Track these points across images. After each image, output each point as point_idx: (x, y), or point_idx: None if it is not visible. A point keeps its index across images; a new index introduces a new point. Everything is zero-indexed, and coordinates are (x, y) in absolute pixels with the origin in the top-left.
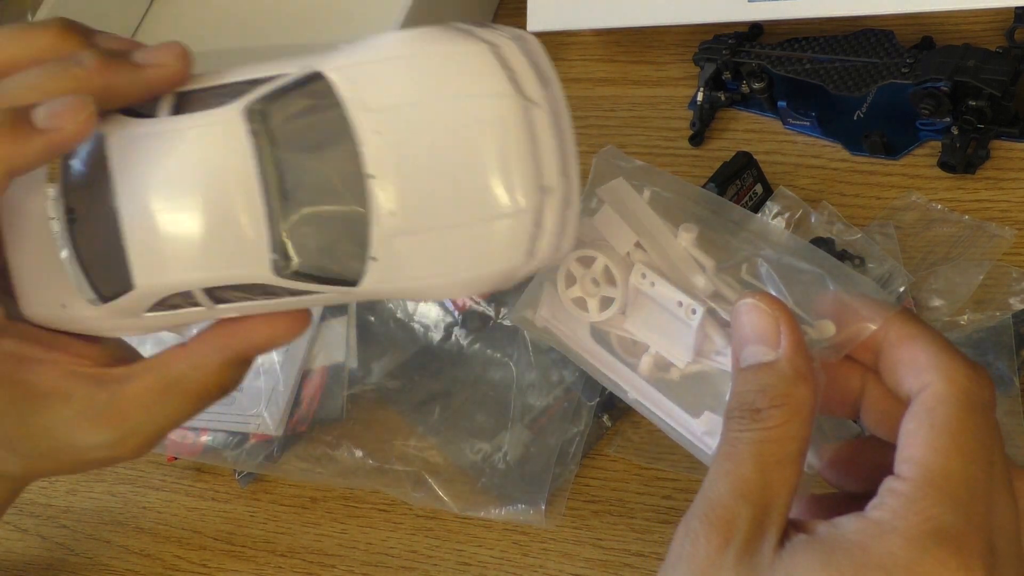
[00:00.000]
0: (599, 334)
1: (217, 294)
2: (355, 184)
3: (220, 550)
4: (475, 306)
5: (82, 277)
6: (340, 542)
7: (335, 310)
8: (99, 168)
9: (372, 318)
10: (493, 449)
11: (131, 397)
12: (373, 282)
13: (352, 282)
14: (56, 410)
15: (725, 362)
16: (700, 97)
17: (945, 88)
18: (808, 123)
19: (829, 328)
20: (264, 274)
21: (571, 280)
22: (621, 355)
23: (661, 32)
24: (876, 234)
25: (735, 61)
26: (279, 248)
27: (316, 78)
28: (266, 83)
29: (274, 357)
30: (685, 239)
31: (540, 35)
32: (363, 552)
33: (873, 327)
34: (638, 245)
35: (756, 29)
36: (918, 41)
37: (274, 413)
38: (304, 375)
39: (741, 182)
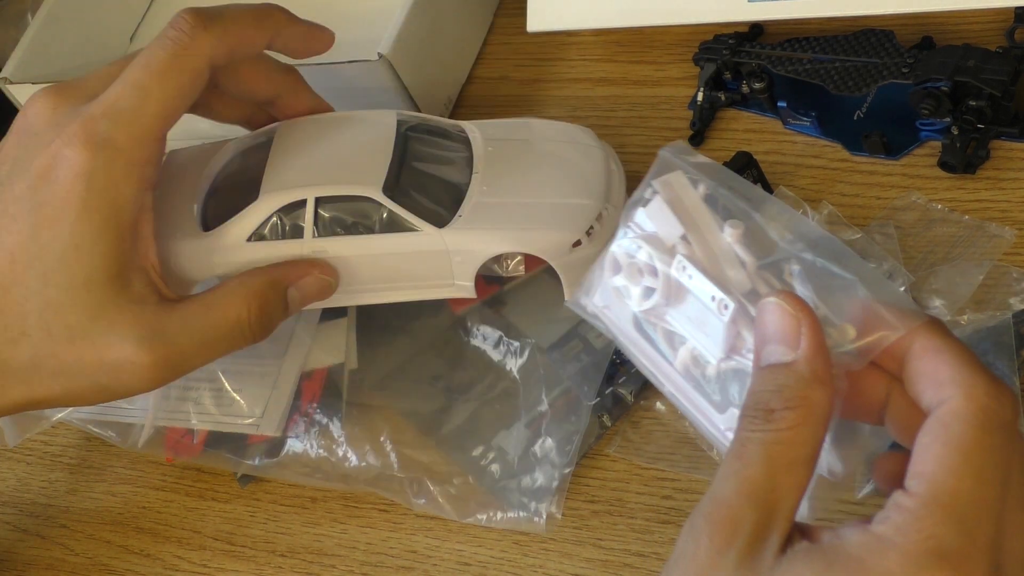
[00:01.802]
0: (643, 324)
1: (321, 222)
2: (463, 169)
3: (220, 550)
4: (475, 307)
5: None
6: (340, 542)
7: (335, 311)
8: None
9: (372, 319)
10: (493, 449)
11: (176, 317)
12: (453, 230)
13: (439, 225)
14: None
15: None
16: (700, 97)
17: (945, 88)
18: (808, 123)
19: (850, 332)
20: (374, 192)
21: (617, 267)
22: (662, 347)
23: (661, 32)
24: (876, 234)
25: (735, 61)
26: (390, 182)
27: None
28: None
29: (271, 346)
30: (730, 235)
31: (540, 35)
32: (363, 552)
33: (895, 336)
34: (684, 238)
35: (756, 29)
36: (918, 41)
37: (273, 414)
38: (304, 376)
39: None
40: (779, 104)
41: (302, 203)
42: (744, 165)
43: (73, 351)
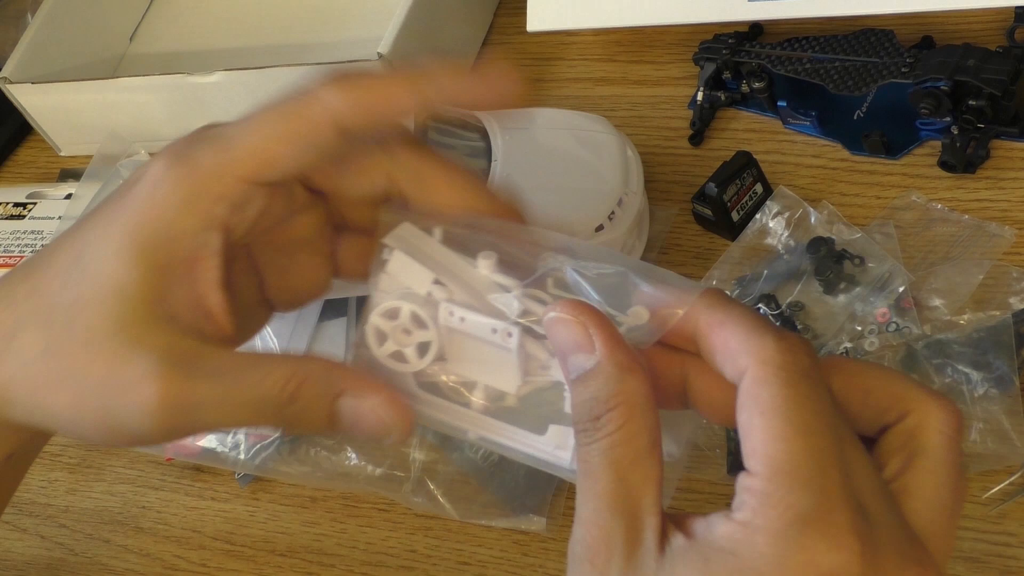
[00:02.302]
0: (426, 385)
1: None
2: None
3: (220, 550)
4: None
5: None
6: (340, 542)
7: (335, 310)
8: None
9: None
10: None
11: (208, 361)
12: None
13: None
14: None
15: (555, 373)
16: (700, 97)
17: (945, 88)
18: (808, 123)
19: (642, 314)
20: None
21: (382, 337)
22: (453, 398)
23: (661, 32)
24: (876, 234)
25: (735, 61)
26: None
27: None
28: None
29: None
30: (484, 266)
31: (540, 35)
32: (363, 552)
33: (680, 312)
34: (437, 282)
35: (756, 29)
36: (918, 41)
37: None
38: None
39: (741, 182)
40: (779, 104)
41: None
42: (744, 165)
43: (85, 355)
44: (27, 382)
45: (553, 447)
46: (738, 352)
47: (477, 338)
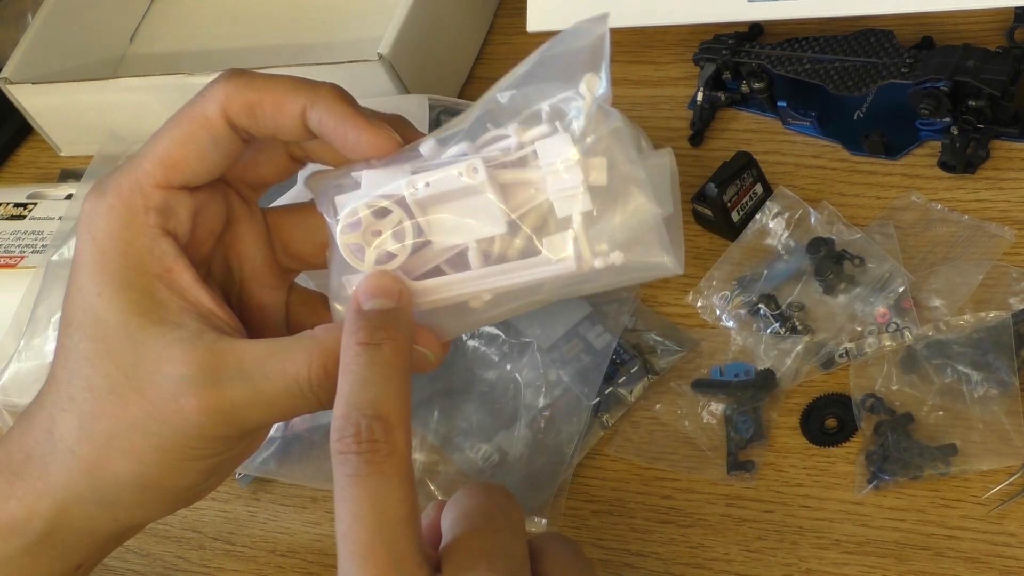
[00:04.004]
0: (424, 277)
1: None
2: None
3: (220, 550)
4: None
5: None
6: None
7: None
8: None
9: None
10: (493, 449)
11: (231, 360)
12: None
13: None
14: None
15: (537, 194)
16: (700, 97)
17: (945, 88)
18: (808, 123)
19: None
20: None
21: (359, 250)
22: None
23: (661, 32)
24: (876, 234)
25: (735, 61)
26: None
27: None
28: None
29: None
30: (426, 148)
31: (540, 35)
32: None
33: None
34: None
35: (756, 29)
36: (918, 41)
37: None
38: None
39: (741, 182)
40: (779, 104)
41: None
42: (744, 165)
43: (117, 403)
44: (82, 466)
45: (554, 259)
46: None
47: (450, 198)
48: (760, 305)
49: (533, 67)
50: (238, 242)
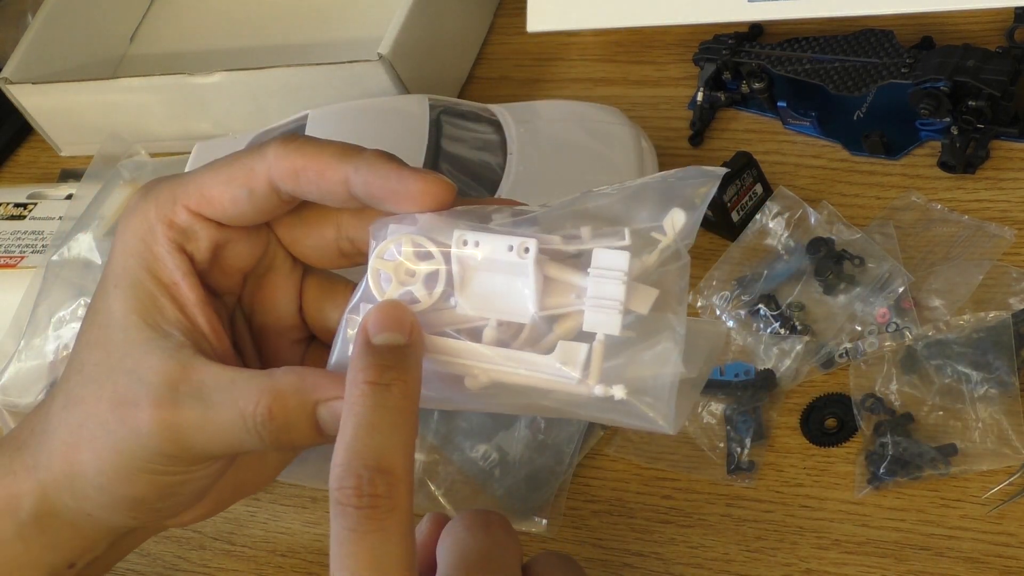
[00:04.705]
0: (435, 333)
1: None
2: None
3: (220, 550)
4: None
5: None
6: None
7: None
8: None
9: None
10: (493, 449)
11: (195, 381)
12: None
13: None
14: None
15: (575, 301)
16: (700, 97)
17: (945, 88)
18: (808, 123)
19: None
20: None
21: (386, 283)
22: (462, 338)
23: (661, 32)
24: (876, 234)
25: (735, 61)
26: (428, 165)
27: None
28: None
29: None
30: (497, 220)
31: (540, 35)
32: None
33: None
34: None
35: (756, 29)
36: (918, 41)
37: None
38: None
39: (741, 182)
40: (779, 104)
41: None
42: (744, 165)
43: (95, 392)
44: (58, 449)
45: (559, 365)
46: None
47: (492, 267)
48: (760, 305)
49: (640, 187)
50: (268, 289)
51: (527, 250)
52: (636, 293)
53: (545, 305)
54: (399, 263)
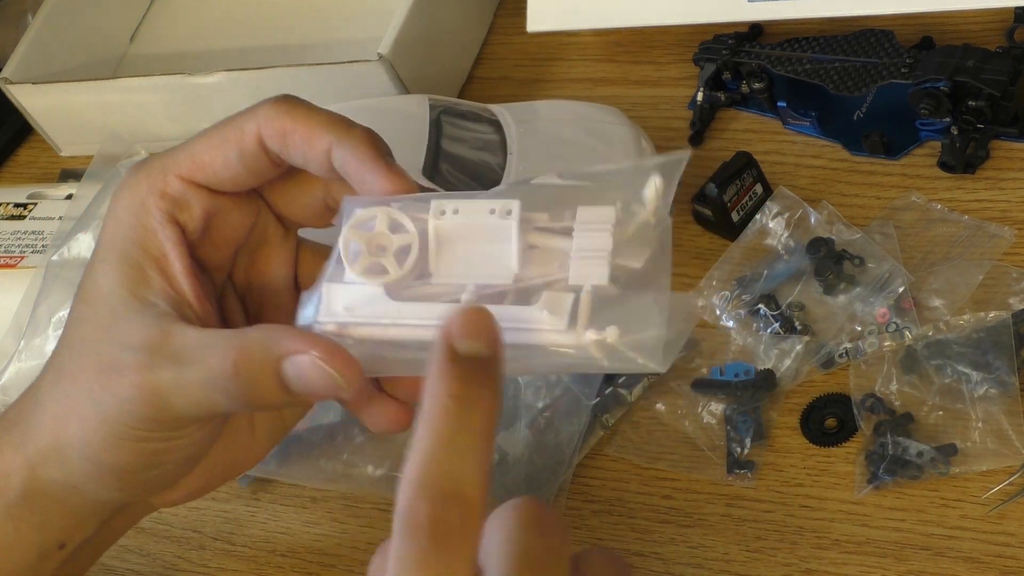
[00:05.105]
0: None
1: None
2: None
3: (220, 550)
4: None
5: None
6: (340, 542)
7: None
8: None
9: None
10: (493, 449)
11: (176, 343)
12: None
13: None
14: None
15: (559, 268)
16: (700, 97)
17: (945, 88)
18: (808, 123)
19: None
20: (415, 175)
21: (355, 254)
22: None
23: (661, 32)
24: (876, 234)
25: (735, 61)
26: (429, 165)
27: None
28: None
29: None
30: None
31: (540, 35)
32: (363, 552)
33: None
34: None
35: (756, 29)
36: (918, 41)
37: None
38: None
39: (741, 182)
40: (779, 104)
41: None
42: (744, 165)
43: (81, 364)
44: (48, 423)
45: (546, 314)
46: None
47: (472, 234)
48: (760, 305)
49: (615, 170)
50: (262, 262)
51: (509, 212)
52: (628, 250)
53: (527, 275)
54: (372, 235)
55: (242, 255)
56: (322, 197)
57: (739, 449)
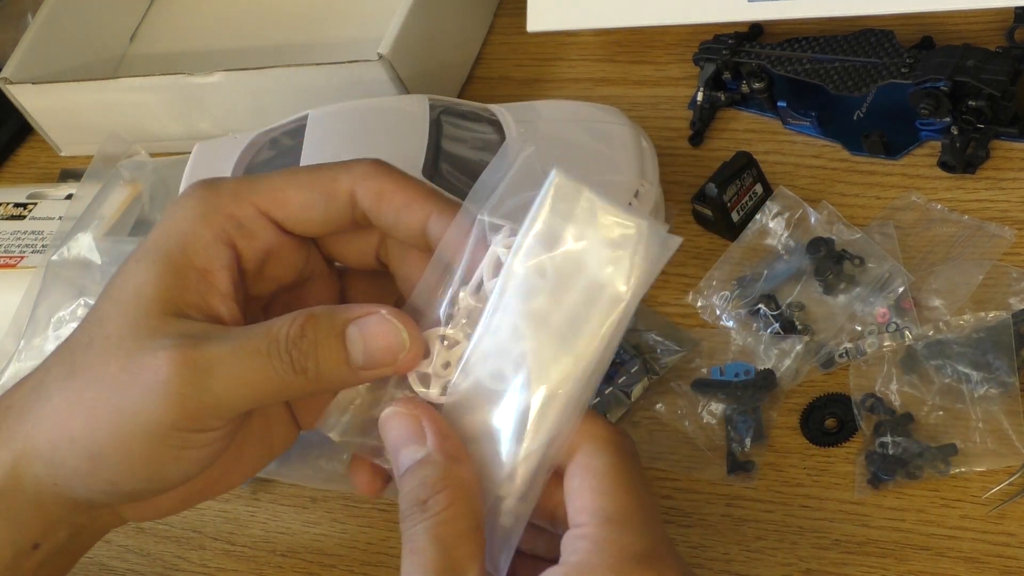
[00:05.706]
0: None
1: None
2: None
3: (220, 550)
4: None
5: None
6: (340, 542)
7: None
8: None
9: None
10: None
11: (219, 329)
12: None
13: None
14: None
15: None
16: (700, 97)
17: (945, 88)
18: (808, 123)
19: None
20: (415, 175)
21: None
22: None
23: (661, 32)
24: (876, 234)
25: (735, 61)
26: (429, 165)
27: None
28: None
29: None
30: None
31: (540, 35)
32: (363, 552)
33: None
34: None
35: (756, 29)
36: (918, 41)
37: None
38: None
39: (741, 182)
40: (779, 104)
41: None
42: (744, 165)
43: (103, 358)
44: (49, 417)
45: (500, 242)
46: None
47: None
48: (760, 305)
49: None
50: (308, 298)
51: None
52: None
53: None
54: (442, 332)
55: (283, 291)
56: (375, 246)
57: (739, 449)
